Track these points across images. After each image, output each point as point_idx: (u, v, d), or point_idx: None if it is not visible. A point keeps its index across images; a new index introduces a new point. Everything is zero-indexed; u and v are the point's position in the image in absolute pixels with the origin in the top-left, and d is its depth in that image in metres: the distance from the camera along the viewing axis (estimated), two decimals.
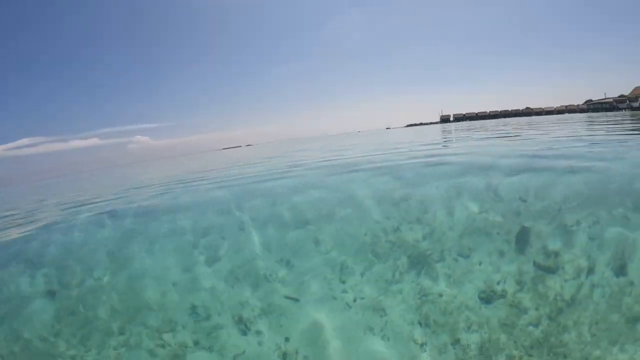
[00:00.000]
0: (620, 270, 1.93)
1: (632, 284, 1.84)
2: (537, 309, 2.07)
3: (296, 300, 2.71)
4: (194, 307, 2.98)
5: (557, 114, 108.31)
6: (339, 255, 2.95)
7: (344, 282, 2.64)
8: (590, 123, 22.63)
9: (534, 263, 2.24)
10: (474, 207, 3.37)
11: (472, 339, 2.05)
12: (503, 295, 2.18)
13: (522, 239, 2.47)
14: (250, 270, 3.18)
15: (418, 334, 2.24)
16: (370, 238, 3.08)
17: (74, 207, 10.42)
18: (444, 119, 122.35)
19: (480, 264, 2.33)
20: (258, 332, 2.62)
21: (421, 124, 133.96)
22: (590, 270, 2.03)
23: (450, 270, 2.43)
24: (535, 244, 2.40)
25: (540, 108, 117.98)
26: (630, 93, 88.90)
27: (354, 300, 2.53)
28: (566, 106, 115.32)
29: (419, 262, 2.54)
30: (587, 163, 5.08)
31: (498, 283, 2.21)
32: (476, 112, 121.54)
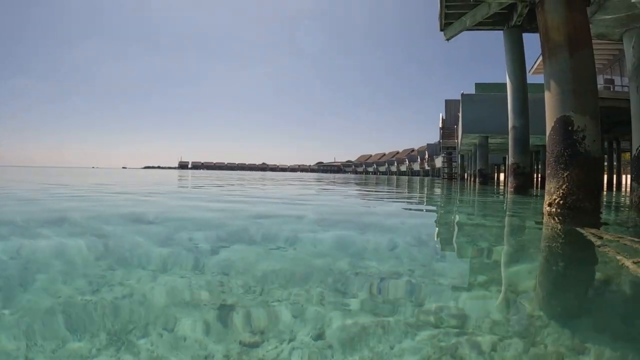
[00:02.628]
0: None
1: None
2: None
3: None
4: None
5: (290, 171, 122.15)
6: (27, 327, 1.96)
7: None
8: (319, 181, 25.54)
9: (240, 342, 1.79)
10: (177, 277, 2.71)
11: None
12: None
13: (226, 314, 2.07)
14: None
15: None
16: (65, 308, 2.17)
17: None
18: (182, 165, 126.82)
19: (185, 339, 1.79)
20: None
21: (159, 167, 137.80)
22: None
23: (154, 346, 1.73)
24: (240, 319, 2.00)
25: (276, 165, 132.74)
26: (356, 159, 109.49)
27: None
28: (299, 165, 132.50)
29: (119, 339, 1.78)
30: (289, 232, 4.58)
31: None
32: (214, 161, 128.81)
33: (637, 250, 3.42)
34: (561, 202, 5.71)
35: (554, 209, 5.79)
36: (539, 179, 23.23)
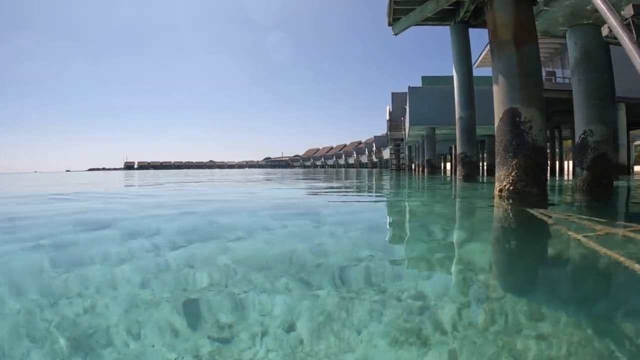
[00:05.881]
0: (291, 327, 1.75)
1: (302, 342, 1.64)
2: None
3: None
4: None
5: (238, 167, 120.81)
6: None
7: None
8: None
9: (209, 336, 1.75)
10: (136, 276, 2.58)
11: None
12: None
13: (193, 311, 2.03)
14: None
15: None
16: (24, 317, 1.99)
17: None
18: (128, 166, 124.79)
19: (153, 346, 1.67)
20: None
21: (104, 169, 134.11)
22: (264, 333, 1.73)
23: (121, 355, 1.60)
24: (208, 315, 1.96)
25: (223, 162, 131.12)
26: (304, 153, 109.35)
27: None
28: (247, 161, 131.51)
29: (81, 348, 1.67)
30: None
31: None
32: (161, 161, 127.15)
33: (584, 227, 3.87)
34: (511, 188, 6.26)
35: (504, 194, 6.34)
36: (484, 167, 24.42)
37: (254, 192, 10.54)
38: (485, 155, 26.47)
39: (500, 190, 6.44)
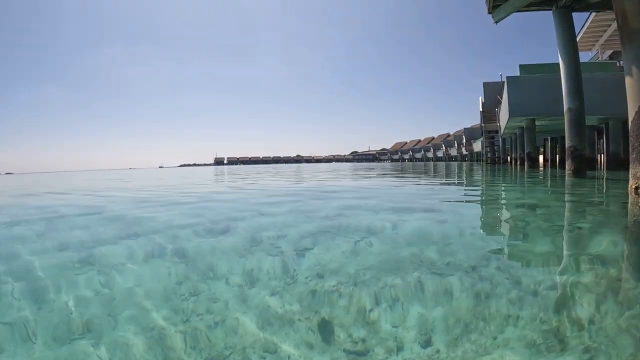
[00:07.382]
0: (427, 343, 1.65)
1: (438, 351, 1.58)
2: None
3: None
4: None
5: (325, 162, 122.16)
6: None
7: None
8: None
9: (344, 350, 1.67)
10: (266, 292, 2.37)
11: None
12: None
13: (326, 325, 1.91)
14: None
15: None
16: (157, 335, 1.89)
17: None
18: (218, 162, 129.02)
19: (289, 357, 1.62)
20: None
21: (195, 164, 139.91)
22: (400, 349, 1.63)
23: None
24: (340, 329, 1.86)
25: (311, 156, 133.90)
26: (391, 147, 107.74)
27: None
28: (334, 155, 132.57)
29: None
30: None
31: None
32: (250, 156, 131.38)
33: None
34: None
35: None
36: None
37: None
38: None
39: (637, 188, 6.07)
